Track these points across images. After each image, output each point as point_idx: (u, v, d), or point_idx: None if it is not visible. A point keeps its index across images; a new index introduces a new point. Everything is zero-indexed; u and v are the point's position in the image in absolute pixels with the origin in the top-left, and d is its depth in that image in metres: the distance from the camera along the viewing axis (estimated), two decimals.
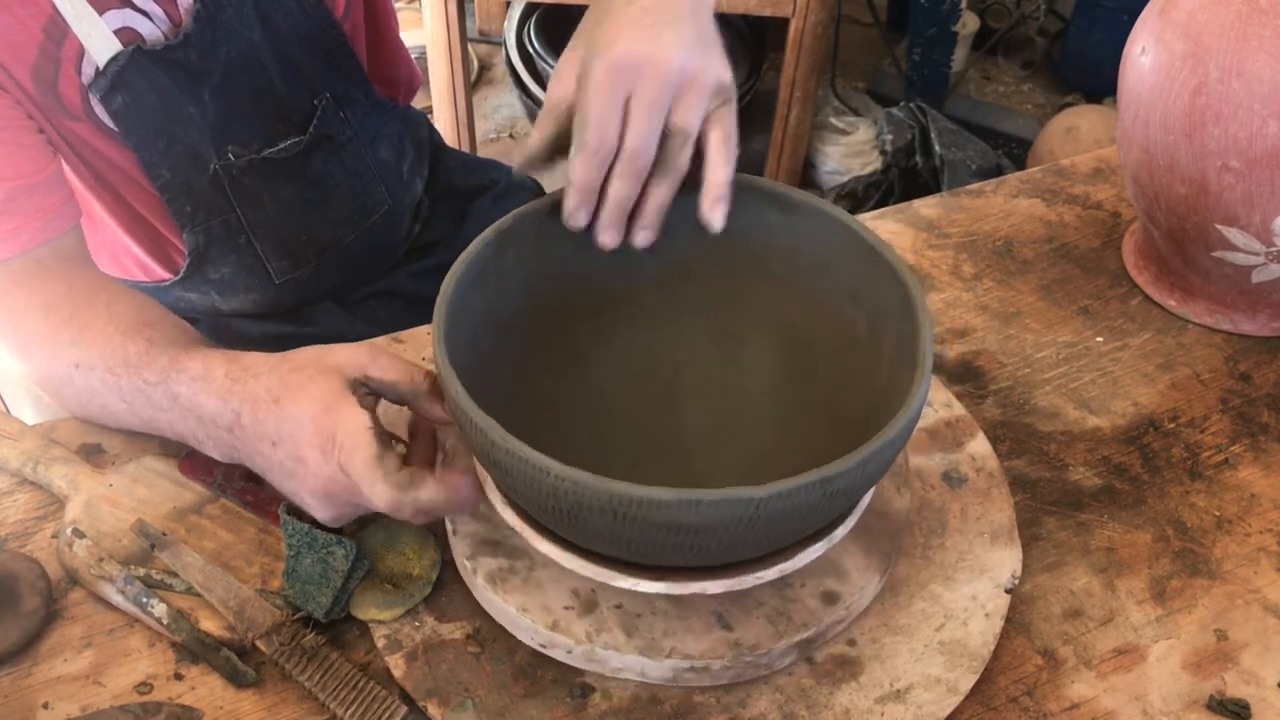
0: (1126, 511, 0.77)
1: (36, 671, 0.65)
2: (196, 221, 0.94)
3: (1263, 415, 0.85)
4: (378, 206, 1.05)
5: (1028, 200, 1.04)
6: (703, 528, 0.55)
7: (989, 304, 0.93)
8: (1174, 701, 0.66)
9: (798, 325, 0.74)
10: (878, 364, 0.68)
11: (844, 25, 2.40)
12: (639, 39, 0.64)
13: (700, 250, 0.73)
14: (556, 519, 0.58)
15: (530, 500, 0.59)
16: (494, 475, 0.61)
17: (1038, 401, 0.85)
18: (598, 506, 0.55)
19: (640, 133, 0.64)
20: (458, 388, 0.58)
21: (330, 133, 0.97)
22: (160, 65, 0.84)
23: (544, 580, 0.66)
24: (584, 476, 0.54)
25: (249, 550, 0.70)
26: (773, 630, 0.64)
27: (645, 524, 0.55)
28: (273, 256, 0.99)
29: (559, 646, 0.64)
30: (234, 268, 0.98)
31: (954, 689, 0.65)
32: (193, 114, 0.88)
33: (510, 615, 0.65)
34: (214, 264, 0.97)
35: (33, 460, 0.74)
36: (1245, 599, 0.72)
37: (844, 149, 2.36)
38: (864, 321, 0.70)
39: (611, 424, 0.75)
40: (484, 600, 0.66)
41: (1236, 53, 0.78)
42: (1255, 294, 0.89)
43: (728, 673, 0.64)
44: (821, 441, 0.67)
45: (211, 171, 0.91)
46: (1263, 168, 0.79)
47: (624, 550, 0.59)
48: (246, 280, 0.99)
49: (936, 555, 0.72)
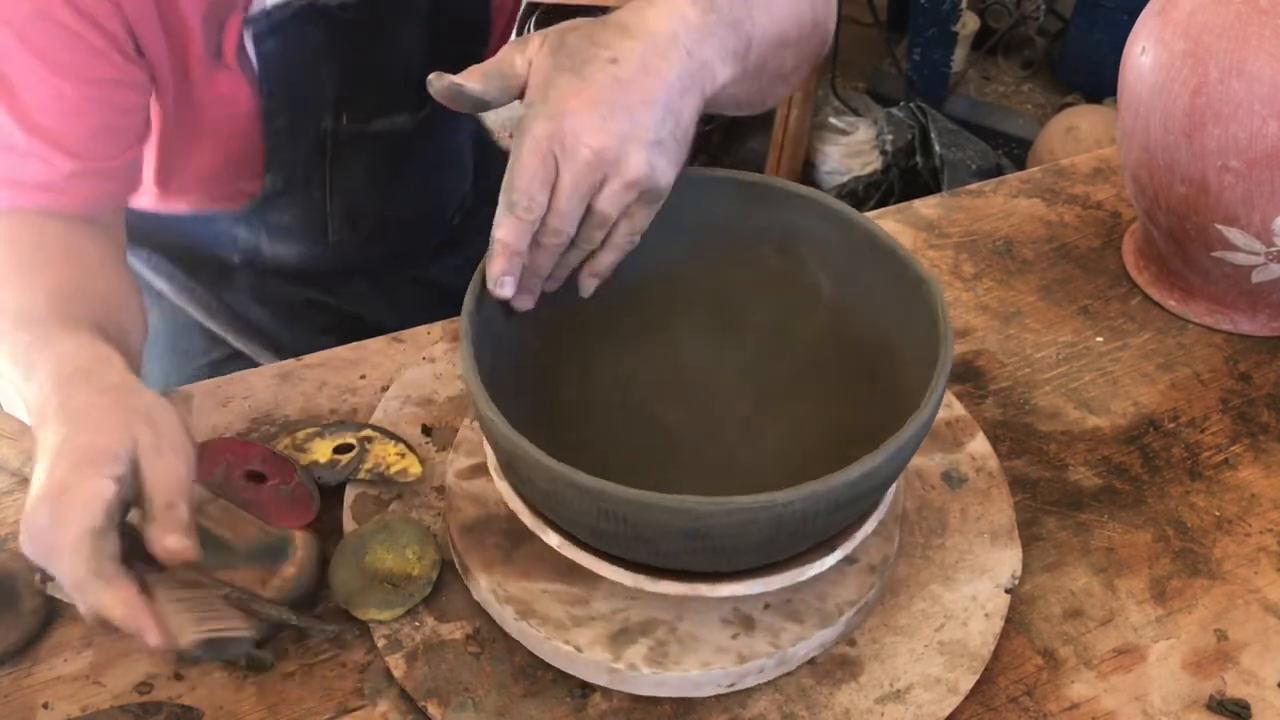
0: (1126, 511, 0.77)
1: (36, 671, 0.65)
2: (283, 169, 0.93)
3: (1263, 415, 0.85)
4: (451, 194, 1.06)
5: (1028, 200, 1.04)
6: (718, 532, 0.55)
7: (989, 304, 0.93)
8: (1174, 701, 0.66)
9: (814, 323, 0.74)
10: (895, 368, 0.68)
11: (844, 25, 2.40)
12: (593, 116, 0.60)
13: (721, 249, 0.73)
14: (610, 540, 0.59)
15: (583, 527, 0.59)
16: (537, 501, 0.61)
17: (1038, 401, 0.85)
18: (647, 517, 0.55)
19: (562, 213, 0.61)
20: (515, 435, 0.57)
21: (437, 117, 0.95)
22: (324, 19, 0.85)
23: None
24: (647, 496, 0.54)
25: None
26: (773, 641, 0.64)
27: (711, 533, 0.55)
28: (338, 218, 0.99)
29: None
30: (297, 218, 0.98)
31: (954, 689, 0.65)
32: (329, 71, 0.88)
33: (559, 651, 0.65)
34: (280, 209, 0.97)
35: (32, 460, 0.74)
36: (1245, 599, 0.72)
37: (844, 149, 2.36)
38: (882, 324, 0.70)
39: (629, 426, 0.75)
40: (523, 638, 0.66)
41: (1236, 52, 0.78)
42: (1255, 294, 0.89)
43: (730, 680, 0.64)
44: (836, 442, 0.68)
45: (321, 130, 0.92)
46: (1263, 167, 0.79)
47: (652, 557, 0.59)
48: (302, 231, 0.99)
49: (936, 555, 0.72)
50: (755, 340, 0.76)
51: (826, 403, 0.73)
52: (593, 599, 0.66)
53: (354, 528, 0.71)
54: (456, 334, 0.85)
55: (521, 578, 0.66)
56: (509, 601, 0.65)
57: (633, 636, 0.64)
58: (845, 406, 0.72)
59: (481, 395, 0.58)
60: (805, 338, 0.74)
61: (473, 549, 0.68)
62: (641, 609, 0.65)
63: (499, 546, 0.68)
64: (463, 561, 0.68)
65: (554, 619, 0.64)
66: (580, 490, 0.55)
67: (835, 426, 0.72)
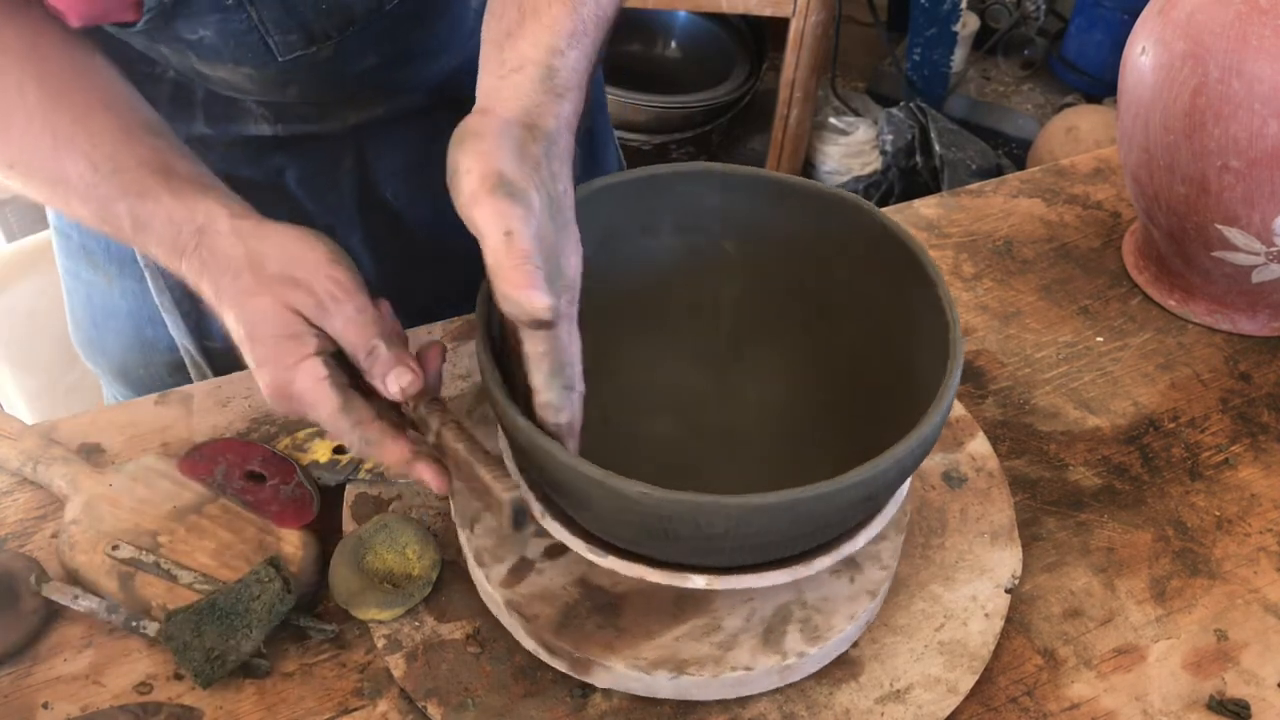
0: (1126, 511, 0.77)
1: (36, 671, 0.65)
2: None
3: (1263, 415, 0.85)
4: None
5: (1028, 200, 1.04)
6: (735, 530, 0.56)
7: (989, 304, 0.93)
8: (1174, 701, 0.66)
9: (823, 321, 0.74)
10: (906, 355, 0.68)
11: (844, 25, 2.40)
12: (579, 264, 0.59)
13: (731, 246, 0.73)
14: (639, 536, 0.59)
15: (614, 530, 0.59)
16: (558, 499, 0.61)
17: (1038, 401, 0.85)
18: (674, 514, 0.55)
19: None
20: (542, 437, 0.57)
21: None
22: None
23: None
24: (679, 496, 0.54)
25: (249, 550, 0.69)
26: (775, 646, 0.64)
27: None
28: (275, 28, 0.73)
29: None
30: (216, 31, 0.72)
31: (954, 689, 0.65)
32: None
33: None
34: (186, 22, 0.71)
35: (32, 460, 0.74)
36: (1245, 599, 0.72)
37: (844, 149, 2.36)
38: (893, 315, 0.70)
39: (636, 424, 0.75)
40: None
41: (1236, 52, 0.78)
42: (1255, 294, 0.89)
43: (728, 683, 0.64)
44: (838, 442, 0.68)
45: None
46: (1263, 167, 0.79)
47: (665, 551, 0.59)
48: (235, 51, 0.74)
49: (936, 555, 0.72)
50: (759, 339, 0.76)
51: (837, 406, 0.73)
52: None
53: (354, 528, 0.71)
54: (456, 334, 0.85)
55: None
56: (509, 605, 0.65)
57: None
58: (852, 413, 0.72)
59: (539, 439, 0.57)
60: (814, 338, 0.75)
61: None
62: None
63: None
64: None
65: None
66: (644, 503, 0.55)
67: (846, 429, 0.72)
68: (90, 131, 0.65)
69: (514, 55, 0.60)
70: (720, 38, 2.44)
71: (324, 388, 0.59)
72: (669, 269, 0.74)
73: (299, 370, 0.59)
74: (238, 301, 0.61)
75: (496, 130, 0.57)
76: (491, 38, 0.62)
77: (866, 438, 0.62)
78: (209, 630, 0.63)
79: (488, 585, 0.66)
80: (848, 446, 0.64)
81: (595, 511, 0.58)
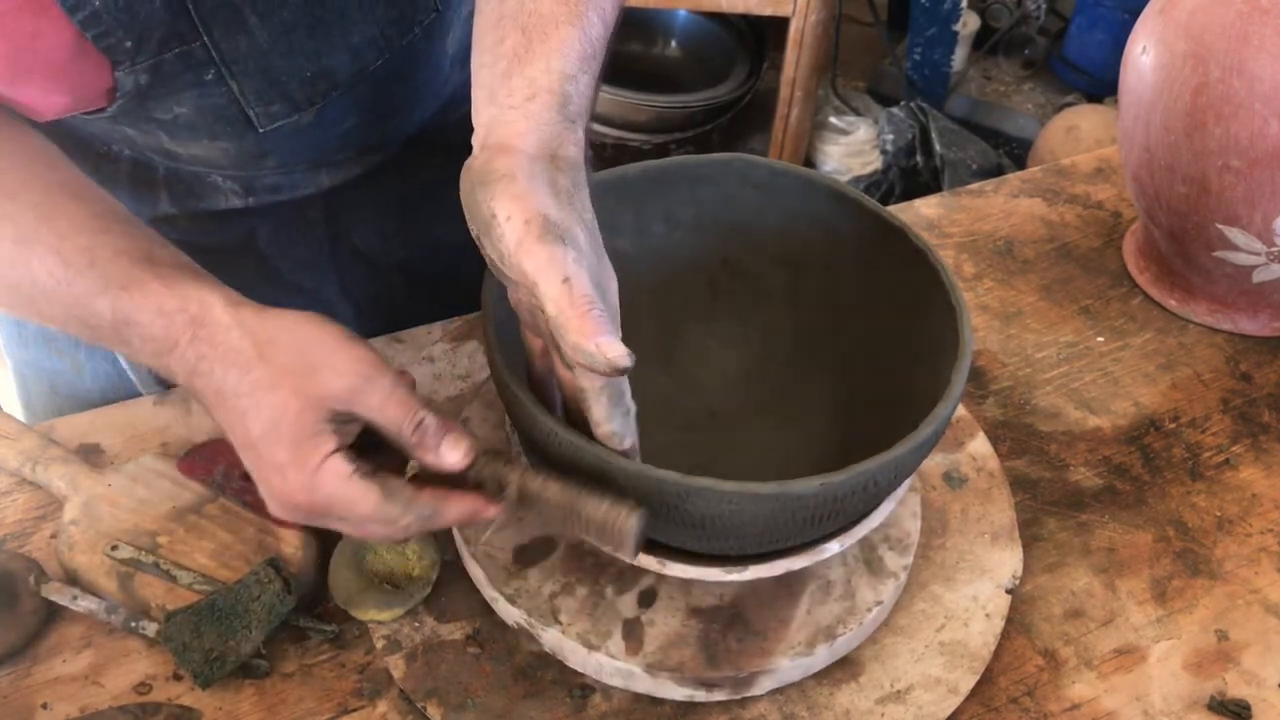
0: (1127, 512, 0.77)
1: (36, 672, 0.65)
2: (139, 58, 0.64)
3: (1264, 415, 0.85)
4: (422, 14, 0.75)
5: (1028, 200, 1.04)
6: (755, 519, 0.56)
7: (989, 304, 0.93)
8: (1175, 702, 0.66)
9: (833, 320, 0.74)
10: (913, 352, 0.68)
11: (844, 25, 2.40)
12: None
13: (740, 244, 0.73)
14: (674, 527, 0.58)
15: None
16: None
17: (1038, 401, 0.85)
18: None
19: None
20: (576, 437, 0.56)
21: None
22: None
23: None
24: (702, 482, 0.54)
25: (248, 550, 0.69)
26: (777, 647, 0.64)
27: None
28: (256, 99, 0.70)
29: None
30: (193, 108, 0.70)
31: (954, 689, 0.65)
32: None
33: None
34: (161, 103, 0.69)
35: (31, 460, 0.74)
36: (1246, 599, 0.72)
37: (844, 149, 2.36)
38: (901, 315, 0.70)
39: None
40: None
41: (1237, 52, 0.78)
42: (1256, 294, 0.89)
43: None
44: (840, 435, 0.69)
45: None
46: (1264, 167, 0.79)
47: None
48: (213, 126, 0.72)
49: (937, 555, 0.72)
50: (764, 338, 0.76)
51: (842, 400, 0.74)
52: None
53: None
54: (456, 334, 0.85)
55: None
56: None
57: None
58: (858, 407, 0.72)
59: (558, 424, 0.57)
60: (822, 338, 0.75)
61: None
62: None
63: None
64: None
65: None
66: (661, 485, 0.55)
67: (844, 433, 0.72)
68: (57, 225, 0.60)
69: (523, 82, 0.56)
70: (720, 37, 2.44)
71: (355, 483, 0.56)
72: (675, 262, 0.74)
73: (322, 472, 0.55)
74: (253, 398, 0.56)
75: (525, 169, 0.54)
76: (492, 63, 0.59)
77: (871, 427, 0.63)
78: (208, 631, 0.63)
79: (604, 657, 0.64)
80: (851, 438, 0.65)
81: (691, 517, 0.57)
